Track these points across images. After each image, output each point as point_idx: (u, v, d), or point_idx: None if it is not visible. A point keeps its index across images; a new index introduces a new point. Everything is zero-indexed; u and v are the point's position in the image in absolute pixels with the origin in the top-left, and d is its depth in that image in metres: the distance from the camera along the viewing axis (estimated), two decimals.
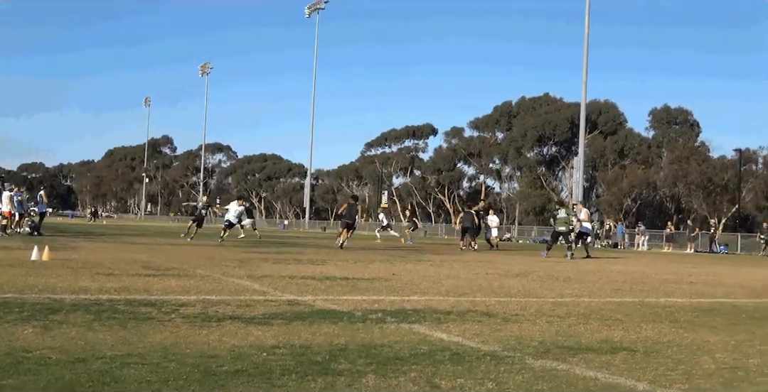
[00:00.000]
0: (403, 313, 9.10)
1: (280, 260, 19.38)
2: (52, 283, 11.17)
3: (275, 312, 8.76)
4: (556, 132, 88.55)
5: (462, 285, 13.57)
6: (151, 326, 7.44)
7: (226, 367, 5.66)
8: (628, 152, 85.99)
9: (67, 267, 14.22)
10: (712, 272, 21.66)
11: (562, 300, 11.49)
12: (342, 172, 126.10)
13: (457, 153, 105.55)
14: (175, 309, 8.67)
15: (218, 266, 16.37)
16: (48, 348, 6.16)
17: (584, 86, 58.85)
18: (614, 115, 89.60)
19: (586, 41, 58.45)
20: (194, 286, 11.55)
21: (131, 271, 14.02)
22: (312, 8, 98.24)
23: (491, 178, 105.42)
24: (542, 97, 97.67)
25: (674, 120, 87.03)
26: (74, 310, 8.32)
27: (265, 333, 7.28)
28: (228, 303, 9.44)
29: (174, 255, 20.46)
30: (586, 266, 22.13)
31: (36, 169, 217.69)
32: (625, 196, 78.36)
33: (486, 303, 10.59)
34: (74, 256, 17.98)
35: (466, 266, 19.75)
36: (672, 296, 13.07)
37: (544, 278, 16.31)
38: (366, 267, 17.95)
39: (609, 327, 8.58)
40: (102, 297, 9.67)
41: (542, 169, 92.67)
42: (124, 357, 5.86)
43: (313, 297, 10.55)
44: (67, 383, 5.06)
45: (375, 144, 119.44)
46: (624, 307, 10.79)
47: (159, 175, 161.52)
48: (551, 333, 7.91)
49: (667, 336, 8.02)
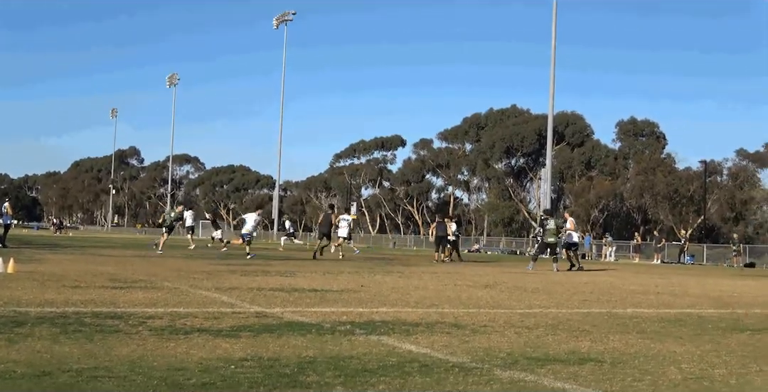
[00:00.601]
0: (371, 325, 9.09)
1: (248, 272, 19.30)
2: (18, 296, 11.05)
3: (243, 325, 8.72)
4: (523, 143, 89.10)
5: (430, 297, 13.58)
6: (118, 339, 7.39)
7: (193, 380, 5.63)
8: (595, 164, 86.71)
9: (33, 280, 14.08)
10: (678, 283, 21.83)
11: (531, 312, 11.54)
12: (311, 184, 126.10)
13: (425, 164, 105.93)
14: (142, 322, 8.61)
15: (186, 278, 16.27)
16: (13, 361, 6.09)
17: (551, 98, 59.25)
18: (581, 127, 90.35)
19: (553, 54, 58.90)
20: (162, 299, 11.47)
21: (98, 283, 13.91)
22: (280, 20, 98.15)
23: (460, 189, 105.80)
24: (510, 109, 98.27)
25: (641, 132, 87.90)
26: (40, 323, 8.24)
27: (233, 345, 7.24)
28: (196, 316, 9.38)
29: (141, 267, 20.32)
30: (554, 277, 22.23)
31: (0, 180, 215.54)
32: (593, 207, 78.95)
33: (454, 315, 10.61)
34: (40, 268, 17.80)
35: (435, 277, 19.78)
36: (639, 307, 13.16)
37: (512, 289, 16.36)
38: (334, 278, 17.92)
39: (576, 338, 8.63)
40: (68, 309, 9.58)
41: (510, 181, 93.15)
42: (91, 371, 5.81)
43: (282, 309, 10.52)
44: None
45: (344, 155, 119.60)
46: (591, 318, 10.85)
47: (126, 187, 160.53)
48: (519, 345, 7.94)
49: (634, 347, 8.07)
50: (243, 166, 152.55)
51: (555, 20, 58.95)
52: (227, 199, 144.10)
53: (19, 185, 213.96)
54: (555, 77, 58.77)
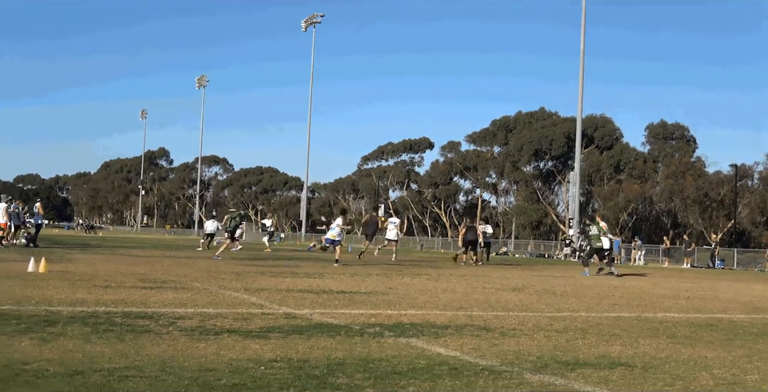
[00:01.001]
0: (400, 327, 9.09)
1: (276, 273, 19.36)
2: (49, 295, 11.16)
3: (272, 326, 8.74)
4: (552, 146, 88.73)
5: (459, 299, 13.56)
6: (148, 339, 7.43)
7: (224, 381, 5.65)
8: (624, 167, 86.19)
9: (64, 280, 14.20)
10: (708, 287, 21.66)
11: (560, 315, 11.49)
12: (338, 185, 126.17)
13: (453, 167, 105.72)
14: (172, 322, 8.66)
15: (215, 279, 16.35)
16: (46, 360, 6.14)
17: (580, 102, 58.99)
18: (610, 130, 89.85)
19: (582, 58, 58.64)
20: (191, 299, 11.53)
21: (128, 284, 14.00)
22: (308, 22, 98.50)
23: (488, 191, 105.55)
24: (538, 112, 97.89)
25: (670, 135, 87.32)
26: (71, 322, 8.31)
27: (262, 346, 7.27)
28: (225, 317, 9.43)
29: (171, 267, 20.43)
30: (584, 281, 22.13)
31: (32, 180, 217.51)
32: (621, 211, 78.48)
33: (483, 318, 10.58)
34: (71, 268, 17.95)
35: (463, 280, 19.74)
36: (669, 311, 13.07)
37: (541, 292, 16.30)
38: (363, 280, 17.93)
39: (607, 342, 8.58)
40: (99, 309, 9.65)
41: (538, 184, 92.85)
42: (122, 370, 5.85)
43: (311, 311, 10.54)
44: None
45: (372, 157, 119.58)
46: (621, 322, 10.79)
47: (155, 188, 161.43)
48: (549, 348, 7.91)
49: (665, 352, 8.02)
50: (271, 167, 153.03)
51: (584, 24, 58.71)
52: (255, 201, 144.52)
53: (50, 185, 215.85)
54: (584, 80, 58.53)
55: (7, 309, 9.24)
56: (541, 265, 37.40)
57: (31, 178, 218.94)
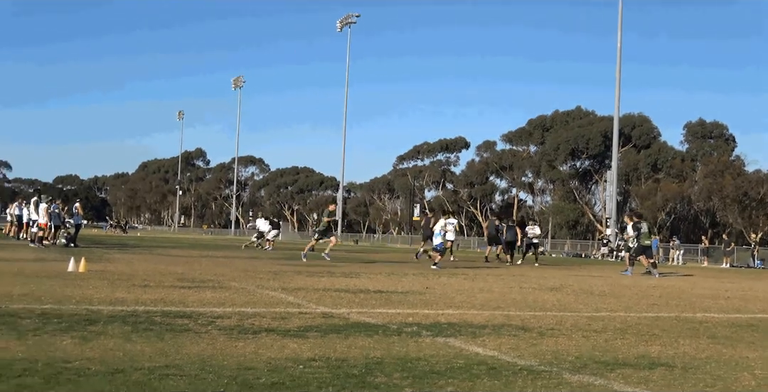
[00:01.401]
0: (437, 327, 9.08)
1: (313, 273, 19.41)
2: (90, 295, 11.27)
3: (310, 325, 8.77)
4: (589, 145, 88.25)
5: (496, 299, 13.52)
6: (187, 338, 7.49)
7: (263, 380, 5.68)
8: (661, 166, 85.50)
9: (104, 279, 14.34)
10: (748, 287, 21.43)
11: (598, 315, 11.42)
12: (374, 185, 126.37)
13: (489, 166, 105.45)
14: (211, 321, 8.71)
15: (252, 278, 16.43)
16: (87, 359, 6.21)
17: (617, 100, 58.62)
18: (648, 129, 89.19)
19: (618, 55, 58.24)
20: (229, 298, 11.60)
21: (166, 283, 14.11)
22: (343, 22, 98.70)
23: (524, 191, 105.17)
24: (575, 111, 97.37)
25: (709, 134, 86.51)
26: (112, 321, 8.39)
27: (300, 345, 7.29)
28: (263, 316, 9.47)
29: (208, 267, 20.56)
30: (622, 281, 21.98)
31: (71, 181, 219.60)
32: (659, 210, 77.84)
33: (521, 317, 10.55)
34: (110, 268, 18.13)
35: (500, 280, 19.68)
36: (709, 311, 12.95)
37: (578, 292, 16.21)
38: (399, 280, 17.93)
39: (646, 342, 8.52)
40: (138, 308, 9.73)
41: (575, 183, 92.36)
42: (162, 369, 5.90)
43: (348, 310, 10.56)
44: None
45: (407, 157, 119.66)
46: (661, 322, 10.71)
47: (192, 188, 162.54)
48: (588, 348, 7.86)
49: (706, 352, 7.94)
50: (307, 167, 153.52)
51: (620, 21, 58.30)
52: (291, 201, 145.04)
53: (89, 186, 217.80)
54: (621, 79, 58.14)
55: (48, 309, 9.35)
56: (578, 265, 37.22)
57: (70, 179, 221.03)
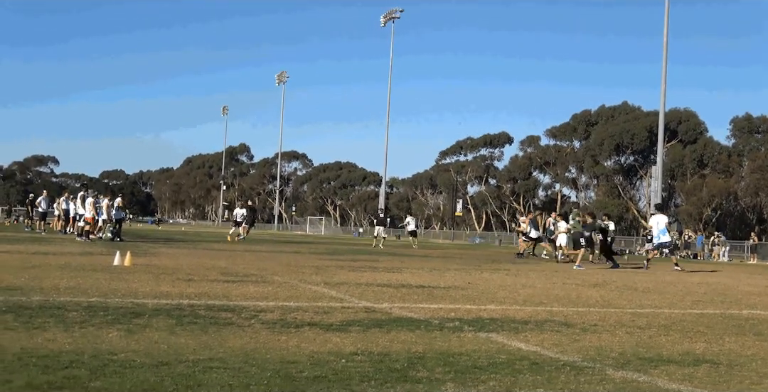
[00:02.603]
0: (480, 322, 9.07)
1: (355, 267, 19.46)
2: (135, 288, 11.40)
3: (353, 319, 8.80)
4: (633, 141, 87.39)
5: (539, 295, 13.47)
6: (231, 331, 7.55)
7: (305, 373, 5.72)
8: (707, 161, 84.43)
9: (148, 273, 14.49)
10: None
11: (642, 311, 11.33)
12: (416, 181, 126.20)
13: (532, 161, 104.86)
14: (254, 315, 8.78)
15: (295, 273, 16.52)
16: (132, 351, 6.29)
17: (663, 95, 57.98)
18: (694, 124, 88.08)
19: (665, 52, 57.63)
20: (272, 293, 11.67)
21: (210, 277, 14.23)
22: (387, 17, 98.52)
23: (567, 186, 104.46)
24: (621, 106, 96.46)
25: (756, 129, 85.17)
26: (156, 315, 8.48)
27: (343, 339, 7.32)
28: (306, 310, 9.52)
29: (251, 261, 20.69)
30: (665, 277, 21.78)
31: (117, 176, 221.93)
32: (705, 206, 76.91)
33: (564, 313, 10.50)
34: (154, 262, 18.31)
35: (543, 276, 19.60)
36: (755, 308, 12.80)
37: (622, 288, 16.10)
38: (441, 275, 17.92)
39: (690, 339, 8.44)
40: (183, 302, 9.83)
41: (619, 178, 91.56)
42: (206, 362, 5.95)
43: (390, 305, 10.58)
44: (151, 386, 5.16)
45: (450, 152, 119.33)
46: (705, 319, 10.60)
47: (236, 183, 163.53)
48: (631, 344, 7.81)
49: (751, 349, 7.86)
50: (350, 162, 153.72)
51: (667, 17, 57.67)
52: (334, 196, 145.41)
53: (134, 181, 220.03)
54: (667, 73, 57.52)
55: (95, 301, 9.47)
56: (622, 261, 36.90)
57: (116, 174, 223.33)
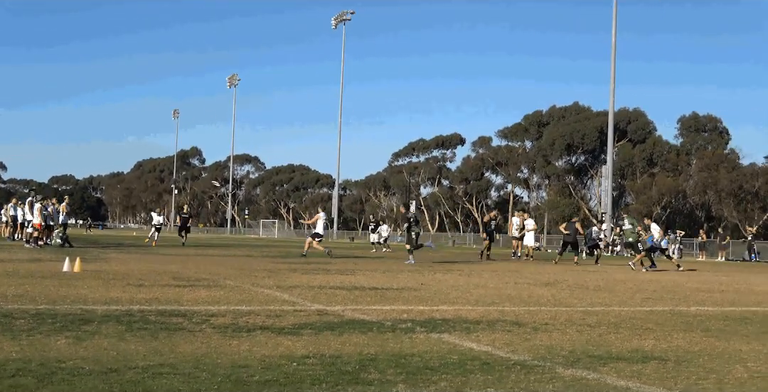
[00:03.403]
0: (432, 323, 9.10)
1: (308, 270, 19.42)
2: (84, 294, 11.27)
3: (305, 323, 8.79)
4: (584, 141, 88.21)
5: (491, 295, 13.55)
6: (182, 336, 7.50)
7: (257, 377, 5.69)
8: (656, 160, 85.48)
9: (98, 279, 14.34)
10: (743, 280, 21.48)
11: (592, 310, 11.45)
12: (370, 183, 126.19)
13: (484, 162, 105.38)
14: (205, 320, 8.72)
15: (247, 276, 16.44)
16: (81, 358, 6.21)
17: (612, 95, 58.65)
18: (643, 124, 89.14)
19: (613, 50, 58.28)
20: (224, 297, 11.61)
21: (161, 282, 14.11)
22: (338, 19, 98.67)
23: (519, 186, 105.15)
24: (571, 106, 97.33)
25: (703, 127, 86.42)
26: (106, 321, 8.39)
27: (295, 343, 7.31)
28: (258, 314, 9.48)
29: (203, 265, 20.56)
30: (616, 275, 22.02)
31: (66, 181, 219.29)
32: (655, 205, 77.84)
33: (515, 313, 10.57)
34: (105, 267, 18.12)
35: (495, 275, 19.71)
36: (703, 305, 12.98)
37: (573, 287, 16.24)
38: (394, 276, 17.95)
39: (640, 336, 8.54)
40: (133, 307, 9.74)
41: (571, 178, 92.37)
42: (156, 368, 5.91)
43: (342, 307, 10.57)
44: None
45: (402, 154, 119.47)
46: (655, 316, 10.73)
47: (188, 187, 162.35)
48: (581, 343, 7.89)
49: (699, 345, 7.97)
50: (303, 165, 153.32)
51: (615, 18, 58.33)
52: (287, 199, 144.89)
53: (84, 186, 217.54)
54: (615, 74, 58.18)
55: (43, 309, 9.35)
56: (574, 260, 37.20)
57: (65, 179, 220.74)
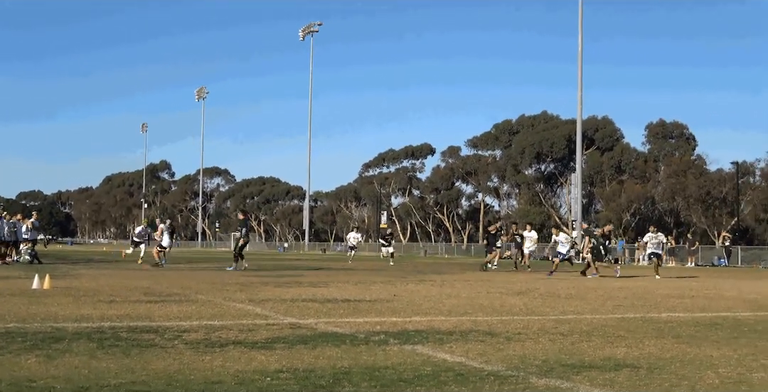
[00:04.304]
0: (405, 334, 9.10)
1: (281, 283, 19.37)
2: (54, 312, 11.17)
3: (278, 336, 8.76)
4: (553, 149, 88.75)
5: (463, 305, 13.57)
6: (154, 353, 7.45)
7: None
8: (625, 167, 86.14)
9: (69, 295, 14.22)
10: (712, 286, 21.65)
11: (565, 318, 11.50)
12: (341, 194, 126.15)
13: (454, 172, 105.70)
14: (177, 336, 8.67)
15: (219, 291, 16.36)
16: (52, 377, 6.15)
17: (580, 103, 59.04)
18: (611, 131, 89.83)
19: (579, 59, 58.69)
20: (196, 312, 11.55)
21: (132, 298, 14.01)
22: (306, 31, 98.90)
23: (490, 196, 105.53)
24: (540, 115, 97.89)
25: (670, 134, 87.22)
26: (77, 339, 8.32)
27: (268, 357, 7.28)
28: (230, 328, 9.44)
29: (175, 280, 20.44)
30: (587, 283, 22.13)
31: (35, 196, 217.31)
32: (624, 211, 78.43)
33: (488, 323, 10.59)
34: (75, 284, 17.97)
35: (468, 285, 19.75)
36: (674, 311, 13.08)
37: (545, 296, 16.31)
38: (367, 288, 17.94)
39: (612, 343, 8.59)
40: (104, 324, 9.66)
41: (540, 186, 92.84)
42: (129, 385, 5.86)
43: (315, 320, 10.55)
44: None
45: (373, 165, 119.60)
46: (626, 323, 10.80)
47: (158, 201, 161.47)
48: (554, 351, 7.91)
49: (670, 352, 8.02)
50: (273, 177, 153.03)
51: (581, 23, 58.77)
52: (258, 211, 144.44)
53: (53, 201, 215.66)
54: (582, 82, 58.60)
55: (12, 327, 9.25)
56: (546, 268, 37.37)
57: (33, 195, 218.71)
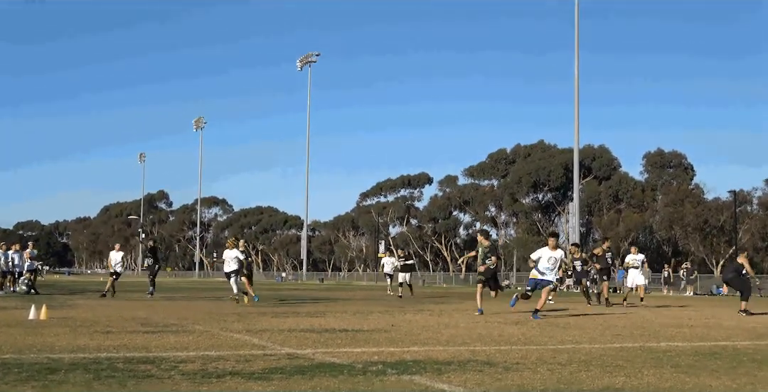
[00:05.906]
0: (403, 364, 9.06)
1: (278, 313, 19.31)
2: (51, 342, 11.13)
3: (275, 367, 8.72)
4: (550, 178, 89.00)
5: (461, 335, 13.52)
6: (150, 384, 7.41)
7: None
8: (622, 196, 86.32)
9: (65, 326, 14.16)
10: (711, 315, 21.60)
11: (563, 347, 11.46)
12: (338, 223, 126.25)
13: (452, 201, 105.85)
14: (174, 366, 8.63)
15: (216, 321, 16.31)
16: None
17: (576, 132, 59.25)
18: (608, 160, 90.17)
19: (576, 87, 58.98)
20: (193, 342, 11.50)
21: (129, 328, 13.97)
22: (303, 61, 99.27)
23: (488, 224, 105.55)
24: (537, 144, 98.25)
25: (668, 163, 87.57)
26: (73, 370, 8.28)
27: (265, 388, 7.24)
28: (227, 359, 9.40)
29: (172, 310, 20.38)
30: (585, 311, 22.07)
31: (32, 226, 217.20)
32: (622, 240, 78.43)
33: (486, 352, 10.55)
34: (72, 314, 17.91)
35: (466, 315, 19.69)
36: (673, 340, 13.04)
37: (543, 325, 16.26)
38: (365, 318, 17.88)
39: (610, 373, 8.56)
40: (101, 355, 9.62)
41: (538, 215, 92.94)
42: None
43: (313, 351, 10.51)
44: None
45: (370, 194, 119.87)
46: (625, 353, 10.76)
47: (155, 230, 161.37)
48: (552, 381, 7.88)
49: (669, 381, 8.00)
50: (271, 207, 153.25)
51: (577, 58, 59.13)
52: (255, 241, 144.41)
53: (50, 231, 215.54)
54: (579, 112, 58.84)
55: (8, 358, 9.21)
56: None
57: (30, 225, 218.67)
